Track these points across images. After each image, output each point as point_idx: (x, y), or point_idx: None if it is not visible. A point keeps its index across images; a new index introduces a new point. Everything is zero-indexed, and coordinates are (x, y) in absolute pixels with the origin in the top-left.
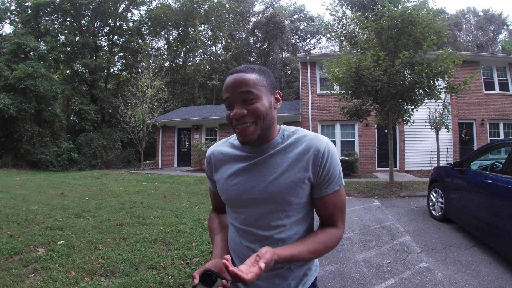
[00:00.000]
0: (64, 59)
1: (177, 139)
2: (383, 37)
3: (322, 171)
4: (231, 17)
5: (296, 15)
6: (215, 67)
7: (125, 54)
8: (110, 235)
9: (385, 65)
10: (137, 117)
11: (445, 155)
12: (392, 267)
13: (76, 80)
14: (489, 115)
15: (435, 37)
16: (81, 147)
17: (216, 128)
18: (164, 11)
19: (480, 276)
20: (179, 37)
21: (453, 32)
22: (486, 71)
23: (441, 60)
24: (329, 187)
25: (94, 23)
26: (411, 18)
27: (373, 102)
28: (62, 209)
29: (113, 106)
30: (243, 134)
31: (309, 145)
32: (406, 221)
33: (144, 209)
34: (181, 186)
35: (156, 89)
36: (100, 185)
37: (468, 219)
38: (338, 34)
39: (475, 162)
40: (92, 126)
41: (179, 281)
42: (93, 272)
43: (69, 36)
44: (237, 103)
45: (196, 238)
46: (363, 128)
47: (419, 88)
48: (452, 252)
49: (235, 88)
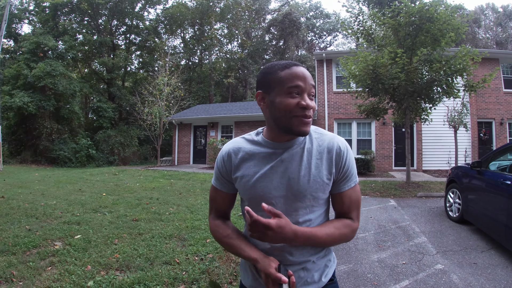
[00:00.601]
0: (82, 57)
1: (193, 137)
2: (400, 34)
3: (342, 168)
4: (247, 15)
5: (312, 12)
6: (230, 65)
7: (142, 53)
8: (126, 230)
9: (403, 62)
10: (154, 114)
11: (463, 155)
12: (407, 268)
13: (94, 78)
14: (509, 114)
15: (453, 34)
16: (99, 144)
17: (232, 126)
18: (180, 9)
19: (497, 280)
20: (195, 36)
21: (471, 29)
22: (506, 69)
23: (460, 57)
24: (347, 183)
25: (111, 22)
26: (429, 14)
27: (390, 100)
28: (80, 204)
29: (130, 103)
30: (305, 124)
31: (332, 144)
32: (422, 222)
33: (160, 205)
34: (196, 183)
35: (173, 87)
36: (117, 181)
37: (485, 221)
38: (354, 31)
39: (494, 162)
40: (109, 123)
41: (193, 277)
42: (109, 266)
43: (86, 35)
44: (305, 94)
45: (210, 235)
46: (380, 126)
47: (437, 86)
48: (468, 255)
49: (307, 79)
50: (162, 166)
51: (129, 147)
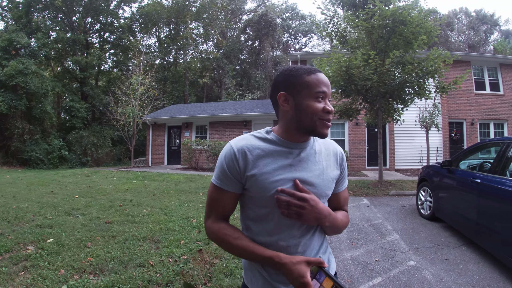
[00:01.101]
0: (55, 56)
1: (167, 137)
2: (373, 36)
3: (343, 170)
4: (223, 14)
5: (288, 14)
6: (206, 65)
7: (116, 51)
8: (99, 233)
9: (375, 64)
10: (127, 114)
11: (435, 154)
12: (380, 265)
13: (67, 77)
14: (480, 115)
15: (425, 37)
16: (71, 145)
17: (206, 126)
18: (155, 8)
19: (468, 275)
20: (170, 35)
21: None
22: (477, 71)
23: (432, 59)
24: (343, 184)
25: (85, 19)
26: (402, 17)
27: (363, 101)
28: (52, 207)
29: (103, 103)
30: (327, 127)
31: (336, 148)
32: (395, 220)
33: (134, 207)
34: (170, 184)
35: (147, 87)
36: (90, 183)
37: (456, 218)
38: (329, 33)
39: (464, 161)
40: (82, 123)
41: (167, 279)
42: (82, 270)
43: (60, 33)
44: (327, 99)
45: (184, 236)
46: (353, 126)
47: (409, 87)
48: (440, 251)
49: (328, 86)
50: (136, 167)
51: (102, 148)
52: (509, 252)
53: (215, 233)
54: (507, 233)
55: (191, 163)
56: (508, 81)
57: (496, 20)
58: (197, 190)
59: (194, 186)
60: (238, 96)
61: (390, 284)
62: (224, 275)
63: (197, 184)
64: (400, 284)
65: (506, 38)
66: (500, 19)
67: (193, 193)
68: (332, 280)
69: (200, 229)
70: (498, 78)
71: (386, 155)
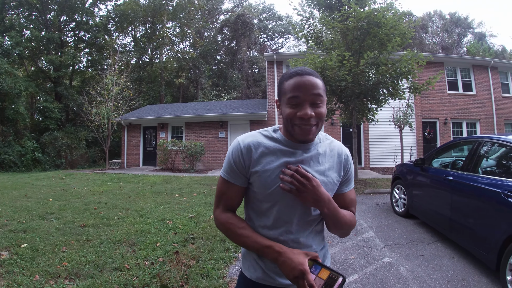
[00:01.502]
0: (29, 55)
1: (142, 138)
2: (348, 37)
3: (347, 172)
4: (200, 14)
5: (265, 14)
6: (182, 64)
7: (91, 51)
8: (74, 237)
9: (350, 65)
10: (102, 115)
11: (408, 153)
12: (356, 262)
13: (41, 77)
14: (452, 115)
15: (399, 39)
16: (45, 147)
17: (182, 127)
18: (131, 7)
19: (443, 270)
20: (146, 34)
21: (419, 34)
22: (450, 72)
23: (405, 61)
24: (349, 186)
25: (60, 18)
26: (377, 19)
27: (338, 101)
28: (26, 211)
29: (77, 104)
30: (306, 133)
31: (341, 149)
32: (370, 217)
33: (109, 210)
34: (146, 185)
35: (122, 87)
36: (64, 185)
37: (430, 214)
38: (304, 34)
39: (437, 159)
40: (56, 124)
41: (144, 282)
42: (58, 275)
43: (34, 31)
44: (306, 104)
45: (160, 239)
46: (328, 126)
47: (383, 88)
48: (415, 247)
49: (308, 89)
50: (111, 169)
51: (77, 149)
52: (482, 247)
53: (221, 222)
54: (480, 228)
55: (167, 164)
56: (480, 82)
57: (470, 23)
58: (173, 191)
59: (170, 188)
60: (215, 97)
61: (366, 280)
62: (201, 276)
63: (173, 185)
64: (376, 281)
65: (479, 40)
66: (474, 22)
67: (169, 195)
68: (328, 270)
69: (176, 230)
70: (470, 79)
71: (361, 154)
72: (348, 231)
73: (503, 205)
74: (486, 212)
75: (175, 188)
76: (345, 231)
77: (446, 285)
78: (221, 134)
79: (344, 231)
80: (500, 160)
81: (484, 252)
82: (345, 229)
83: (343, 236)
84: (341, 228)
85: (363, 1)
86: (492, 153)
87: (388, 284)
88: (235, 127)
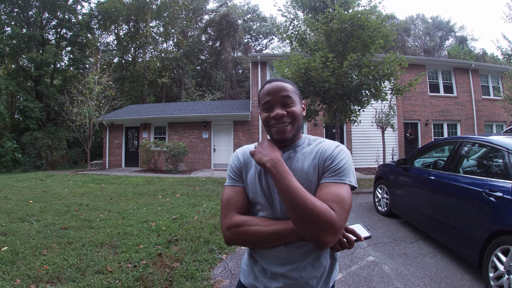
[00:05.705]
0: (10, 52)
1: (124, 138)
2: (332, 39)
3: (327, 160)
4: (184, 14)
5: (249, 15)
6: (165, 64)
7: (72, 49)
8: (55, 240)
9: (333, 66)
10: (83, 115)
11: (390, 154)
12: (340, 262)
13: (21, 75)
14: (434, 116)
15: (382, 41)
16: (25, 147)
17: (165, 127)
18: (115, 5)
19: (426, 268)
20: (129, 33)
21: (401, 37)
22: (431, 75)
23: (388, 63)
24: (330, 177)
25: (42, 15)
26: (360, 22)
27: (321, 102)
28: (6, 213)
29: (58, 103)
30: (281, 132)
31: (323, 147)
32: (353, 217)
33: (90, 212)
34: (128, 187)
35: (104, 86)
36: (45, 187)
37: (412, 213)
38: (288, 35)
39: (419, 159)
40: (36, 124)
41: (126, 285)
42: (39, 279)
43: (15, 28)
44: (277, 105)
45: (143, 240)
46: (311, 127)
47: (365, 89)
48: (398, 246)
49: (276, 92)
50: (92, 170)
51: (58, 150)
52: (465, 245)
53: (238, 224)
54: (462, 226)
55: (149, 165)
56: (461, 84)
57: (452, 27)
58: (156, 192)
59: (152, 189)
60: (198, 97)
61: (350, 279)
62: (185, 278)
63: (156, 186)
64: (360, 279)
65: (460, 44)
66: (455, 26)
67: (152, 196)
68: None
69: (159, 232)
70: (451, 81)
71: None
72: (307, 222)
73: (484, 204)
74: (468, 211)
75: (157, 189)
76: (301, 217)
77: (429, 283)
78: (205, 134)
79: (300, 217)
80: (481, 160)
81: (466, 250)
82: (300, 213)
83: (305, 234)
84: (294, 208)
85: (347, 4)
86: (473, 153)
87: (373, 283)
88: (219, 128)
